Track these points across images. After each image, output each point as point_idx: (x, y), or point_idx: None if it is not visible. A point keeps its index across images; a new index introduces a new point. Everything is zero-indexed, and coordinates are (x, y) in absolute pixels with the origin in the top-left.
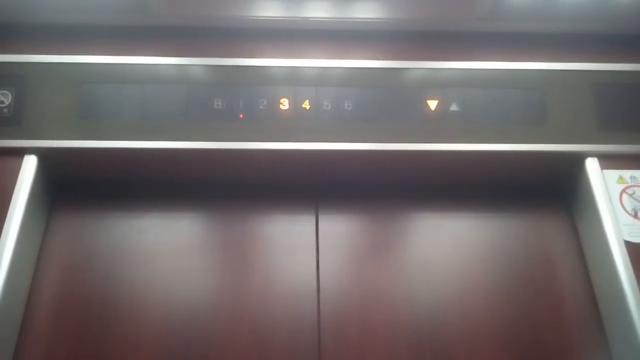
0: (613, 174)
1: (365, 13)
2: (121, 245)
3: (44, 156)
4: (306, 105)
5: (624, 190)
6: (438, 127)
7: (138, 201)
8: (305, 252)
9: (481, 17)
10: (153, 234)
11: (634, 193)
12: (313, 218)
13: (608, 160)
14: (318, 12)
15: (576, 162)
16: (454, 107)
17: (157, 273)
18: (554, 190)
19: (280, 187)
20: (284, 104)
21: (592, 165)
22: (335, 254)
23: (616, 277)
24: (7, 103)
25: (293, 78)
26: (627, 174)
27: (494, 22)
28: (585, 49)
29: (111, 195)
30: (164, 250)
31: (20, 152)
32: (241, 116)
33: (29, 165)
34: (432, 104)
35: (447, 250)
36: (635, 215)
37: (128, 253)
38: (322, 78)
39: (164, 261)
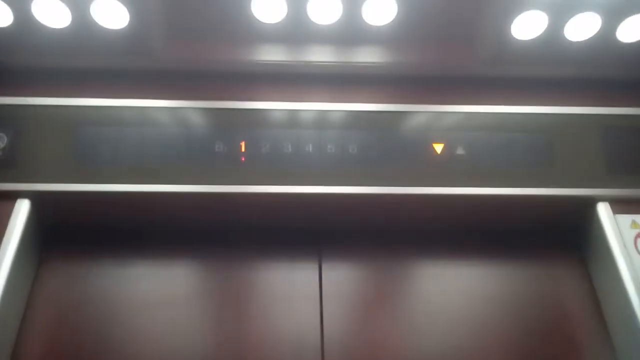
0: (626, 218)
1: (369, 57)
2: (114, 294)
3: (37, 200)
4: (309, 148)
5: (638, 236)
6: (444, 171)
7: (133, 248)
8: (307, 302)
9: (486, 61)
10: (148, 282)
11: None
12: (316, 266)
13: (620, 205)
14: (321, 56)
15: (587, 206)
16: (460, 151)
17: (152, 324)
18: (564, 237)
19: (281, 233)
20: (287, 148)
21: (603, 210)
22: (339, 304)
23: (636, 326)
24: (2, 146)
25: (296, 121)
26: None
27: (498, 67)
28: (591, 93)
29: (105, 242)
30: (159, 300)
31: (13, 196)
32: (243, 160)
33: (22, 210)
34: (438, 148)
35: (456, 299)
36: None
37: (122, 303)
38: (326, 121)
39: (159, 311)
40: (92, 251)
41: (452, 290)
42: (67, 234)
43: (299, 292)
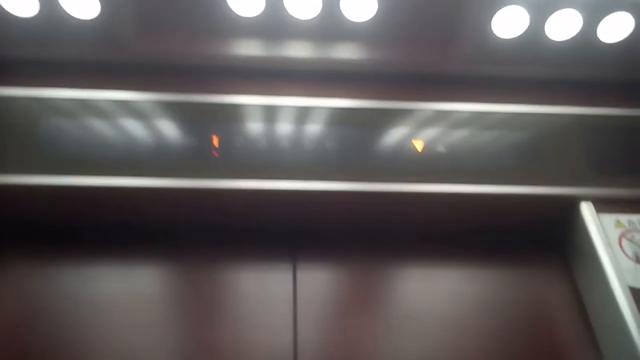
0: (610, 218)
1: (349, 53)
2: (76, 295)
3: None
4: (286, 144)
5: (622, 235)
6: (425, 168)
7: (96, 246)
8: (281, 305)
9: (467, 59)
10: (112, 283)
11: (633, 237)
12: (290, 267)
13: (604, 204)
14: (300, 52)
15: (570, 206)
16: (440, 149)
17: (116, 327)
18: (548, 237)
19: (254, 233)
20: (262, 143)
21: (587, 210)
22: (314, 308)
23: (623, 327)
24: None
25: (272, 117)
26: (624, 218)
27: (480, 65)
28: (573, 92)
29: (66, 239)
30: (123, 302)
31: None
32: (216, 155)
33: None
34: (418, 145)
35: (435, 301)
36: (638, 260)
37: (83, 304)
38: (303, 117)
39: (124, 314)
40: (53, 249)
41: (431, 292)
42: (26, 231)
43: (272, 294)
